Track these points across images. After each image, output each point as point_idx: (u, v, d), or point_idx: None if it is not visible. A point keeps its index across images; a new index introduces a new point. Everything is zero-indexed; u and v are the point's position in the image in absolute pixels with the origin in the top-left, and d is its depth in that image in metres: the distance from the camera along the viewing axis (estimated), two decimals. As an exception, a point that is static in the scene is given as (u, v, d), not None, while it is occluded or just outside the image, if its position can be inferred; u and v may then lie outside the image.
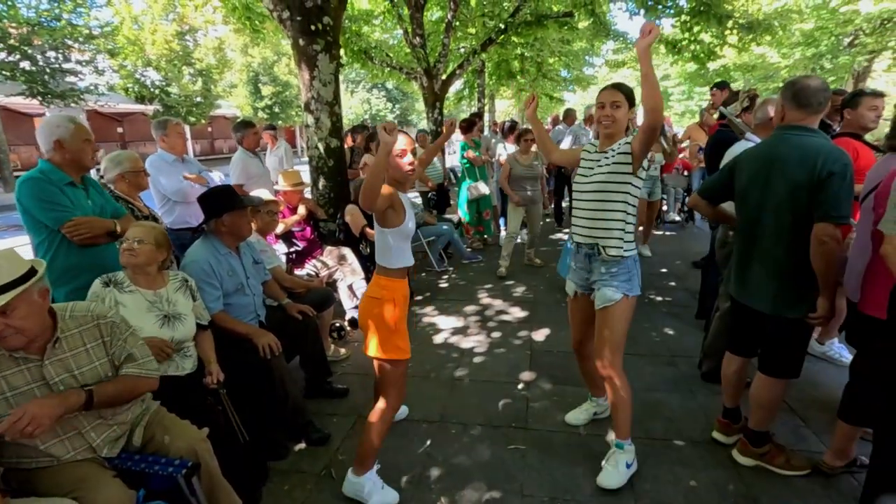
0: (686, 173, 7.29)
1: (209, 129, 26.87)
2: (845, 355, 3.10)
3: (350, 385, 3.07)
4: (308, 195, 4.55)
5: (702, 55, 9.25)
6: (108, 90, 15.84)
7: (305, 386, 2.94)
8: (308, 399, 2.86)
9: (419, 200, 6.86)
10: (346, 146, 5.83)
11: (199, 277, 2.38)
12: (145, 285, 2.11)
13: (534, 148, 5.17)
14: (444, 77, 8.53)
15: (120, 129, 22.36)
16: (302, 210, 3.94)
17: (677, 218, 7.66)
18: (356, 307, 4.01)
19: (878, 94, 2.75)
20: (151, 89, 18.84)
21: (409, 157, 1.97)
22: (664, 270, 5.23)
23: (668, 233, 7.12)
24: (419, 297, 4.64)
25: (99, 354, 1.65)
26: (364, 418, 2.73)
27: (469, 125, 6.35)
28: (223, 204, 2.48)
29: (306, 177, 4.45)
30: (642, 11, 8.16)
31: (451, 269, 5.55)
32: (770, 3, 11.60)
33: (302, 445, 2.51)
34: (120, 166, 2.75)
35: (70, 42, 13.63)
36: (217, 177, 4.40)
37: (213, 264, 2.43)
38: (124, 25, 16.86)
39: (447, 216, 6.54)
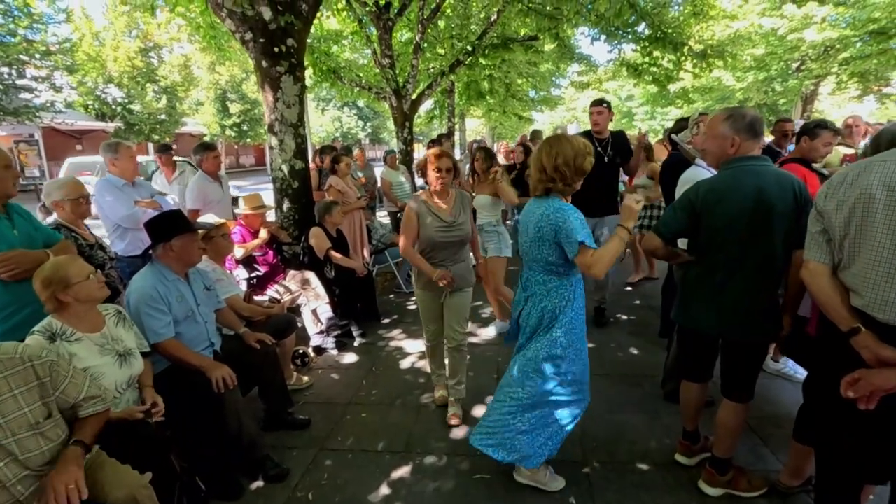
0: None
1: (174, 146, 26.24)
2: (799, 371, 3.19)
3: (312, 415, 2.97)
4: (272, 218, 4.45)
5: (661, 78, 9.67)
6: (65, 107, 15.30)
7: (264, 418, 2.84)
8: (267, 432, 2.75)
9: (387, 220, 6.82)
10: (314, 167, 5.77)
11: (146, 304, 2.27)
12: (90, 328, 1.97)
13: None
14: (413, 97, 8.58)
15: (79, 147, 21.53)
16: (263, 234, 3.85)
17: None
18: (321, 332, 3.92)
19: (836, 132, 2.81)
20: (113, 106, 18.30)
21: None
22: (629, 289, 5.31)
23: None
24: (386, 321, 4.57)
25: (30, 400, 1.53)
26: (326, 451, 2.66)
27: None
28: (172, 228, 2.39)
29: (268, 198, 4.36)
30: (604, 37, 8.45)
31: (419, 289, 5.49)
32: (724, 28, 12.22)
33: (259, 483, 2.40)
34: (59, 192, 2.60)
35: (25, 58, 13.16)
36: (171, 199, 4.25)
37: (160, 290, 2.33)
38: (84, 41, 16.41)
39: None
